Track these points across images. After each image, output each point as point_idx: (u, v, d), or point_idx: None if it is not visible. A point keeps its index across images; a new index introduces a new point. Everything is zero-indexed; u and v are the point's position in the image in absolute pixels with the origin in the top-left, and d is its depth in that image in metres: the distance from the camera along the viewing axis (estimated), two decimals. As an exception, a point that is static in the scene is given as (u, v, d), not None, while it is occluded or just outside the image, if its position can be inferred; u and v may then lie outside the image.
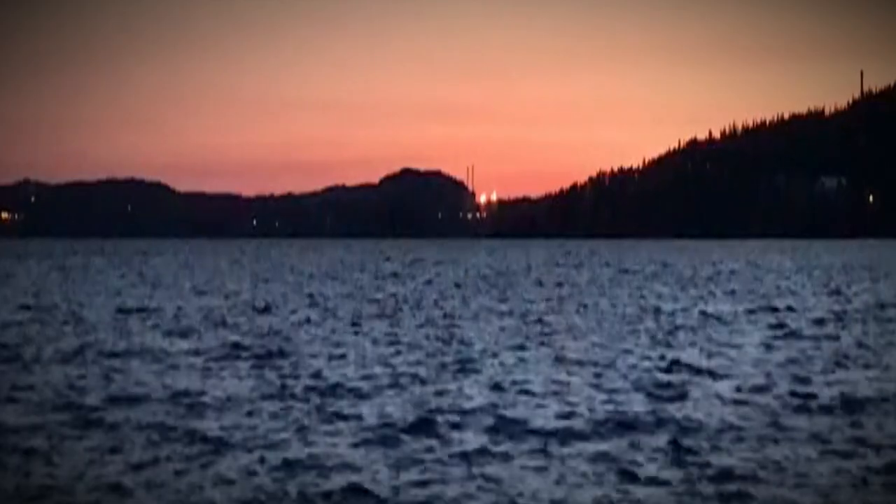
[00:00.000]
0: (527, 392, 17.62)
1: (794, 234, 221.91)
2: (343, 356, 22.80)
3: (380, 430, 14.27)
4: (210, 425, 14.77)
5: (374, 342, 25.73)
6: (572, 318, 33.08)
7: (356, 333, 28.02)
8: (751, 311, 35.32)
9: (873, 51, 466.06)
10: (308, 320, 32.16)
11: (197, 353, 23.61)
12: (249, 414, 15.73)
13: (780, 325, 29.98)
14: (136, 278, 63.25)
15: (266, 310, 36.62)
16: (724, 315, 33.77)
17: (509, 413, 15.51)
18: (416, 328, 29.64)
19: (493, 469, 12.13)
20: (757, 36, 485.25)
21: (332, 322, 31.62)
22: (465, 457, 12.70)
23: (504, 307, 37.66)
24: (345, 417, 15.28)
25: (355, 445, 13.38)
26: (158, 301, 41.33)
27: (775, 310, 35.93)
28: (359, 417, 15.21)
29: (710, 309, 36.25)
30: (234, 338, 26.65)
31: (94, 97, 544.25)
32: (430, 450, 13.09)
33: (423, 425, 14.56)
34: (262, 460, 12.52)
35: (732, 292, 46.66)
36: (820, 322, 31.30)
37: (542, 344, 25.29)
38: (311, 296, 44.83)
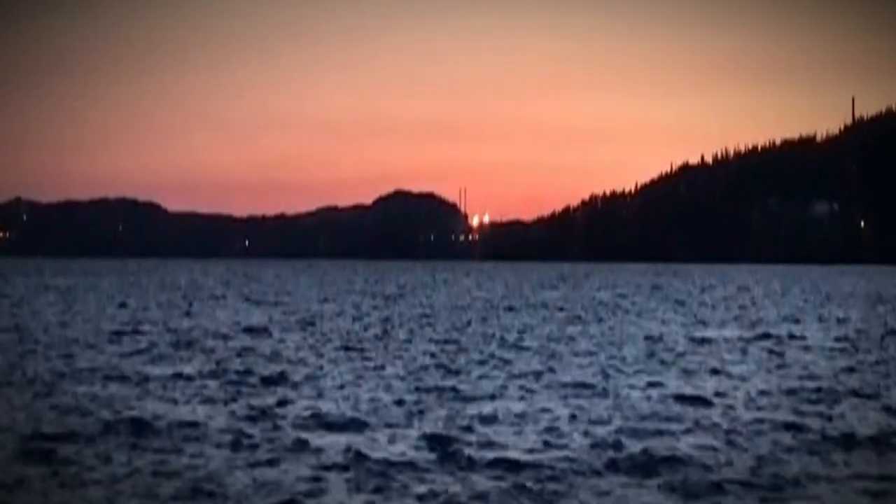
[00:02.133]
0: (513, 422, 17.30)
1: (786, 260, 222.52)
2: (330, 384, 22.49)
3: (362, 465, 13.90)
4: (182, 458, 14.30)
5: (362, 370, 25.44)
6: (561, 344, 32.85)
7: (350, 360, 27.63)
8: (745, 339, 35.10)
9: (865, 78, 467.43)
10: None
11: (176, 378, 23.14)
12: (229, 446, 15.19)
13: (778, 353, 29.78)
14: (123, 298, 62.94)
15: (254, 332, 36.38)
16: (718, 341, 33.56)
17: (500, 446, 15.12)
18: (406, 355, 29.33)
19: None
20: (749, 61, 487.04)
21: (324, 349, 31.34)
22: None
23: (495, 332, 37.44)
24: (325, 450, 14.85)
25: (339, 482, 13.00)
26: (144, 323, 40.99)
27: (769, 336, 35.77)
28: (344, 451, 14.74)
29: (701, 334, 36.05)
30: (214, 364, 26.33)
31: (87, 116, 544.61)
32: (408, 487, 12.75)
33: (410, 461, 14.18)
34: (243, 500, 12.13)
35: (735, 318, 46.50)
36: (817, 350, 31.07)
37: (531, 372, 25.04)
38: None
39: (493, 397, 20.25)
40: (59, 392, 20.53)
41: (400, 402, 19.44)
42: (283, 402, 19.32)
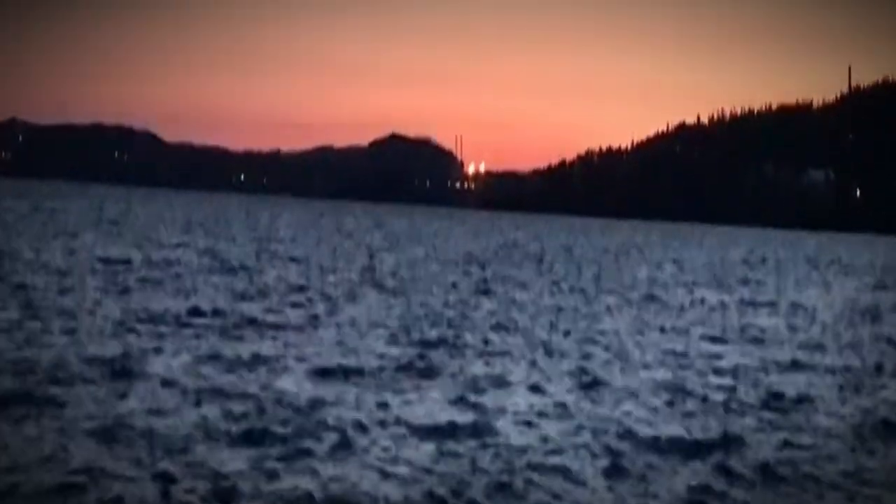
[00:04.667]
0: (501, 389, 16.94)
1: (780, 224, 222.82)
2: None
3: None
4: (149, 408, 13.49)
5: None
6: (545, 301, 33.66)
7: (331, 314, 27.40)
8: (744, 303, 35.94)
9: (861, 47, 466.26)
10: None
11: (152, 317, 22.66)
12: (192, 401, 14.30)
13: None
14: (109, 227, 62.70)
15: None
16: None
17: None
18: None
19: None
20: (748, 26, 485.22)
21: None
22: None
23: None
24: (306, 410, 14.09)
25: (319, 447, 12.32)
26: (125, 253, 40.89)
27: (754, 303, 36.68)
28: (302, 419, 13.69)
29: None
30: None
31: (86, 41, 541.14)
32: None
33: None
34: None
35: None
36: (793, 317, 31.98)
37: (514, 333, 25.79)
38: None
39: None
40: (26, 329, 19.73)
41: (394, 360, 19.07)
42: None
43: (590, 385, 17.29)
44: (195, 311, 23.94)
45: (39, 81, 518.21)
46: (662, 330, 26.22)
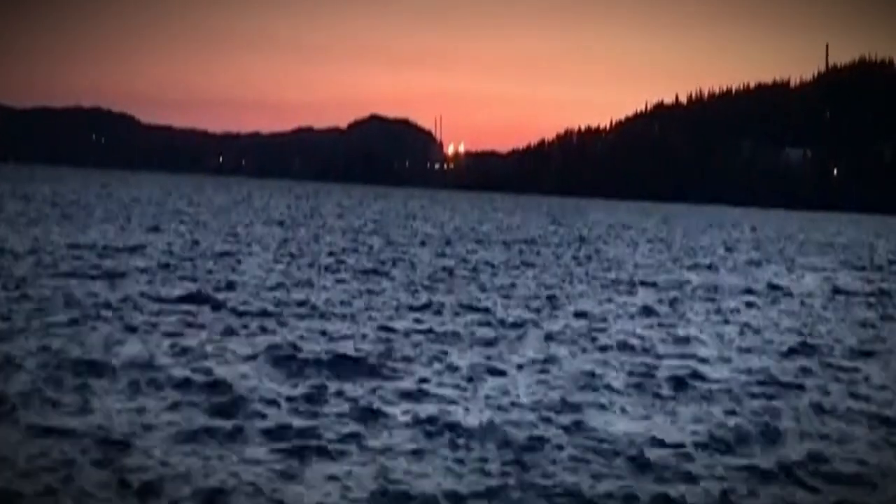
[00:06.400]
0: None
1: (759, 203, 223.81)
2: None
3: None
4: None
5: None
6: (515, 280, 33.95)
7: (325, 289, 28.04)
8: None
9: (838, 26, 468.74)
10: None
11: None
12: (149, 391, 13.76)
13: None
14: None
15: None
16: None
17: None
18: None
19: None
20: (726, 2, 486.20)
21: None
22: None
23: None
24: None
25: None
26: (102, 238, 40.60)
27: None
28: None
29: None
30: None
31: (64, 23, 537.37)
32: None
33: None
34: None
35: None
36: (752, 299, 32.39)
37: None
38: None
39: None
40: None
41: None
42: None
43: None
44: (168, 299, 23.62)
45: (16, 64, 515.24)
46: (650, 314, 26.59)
